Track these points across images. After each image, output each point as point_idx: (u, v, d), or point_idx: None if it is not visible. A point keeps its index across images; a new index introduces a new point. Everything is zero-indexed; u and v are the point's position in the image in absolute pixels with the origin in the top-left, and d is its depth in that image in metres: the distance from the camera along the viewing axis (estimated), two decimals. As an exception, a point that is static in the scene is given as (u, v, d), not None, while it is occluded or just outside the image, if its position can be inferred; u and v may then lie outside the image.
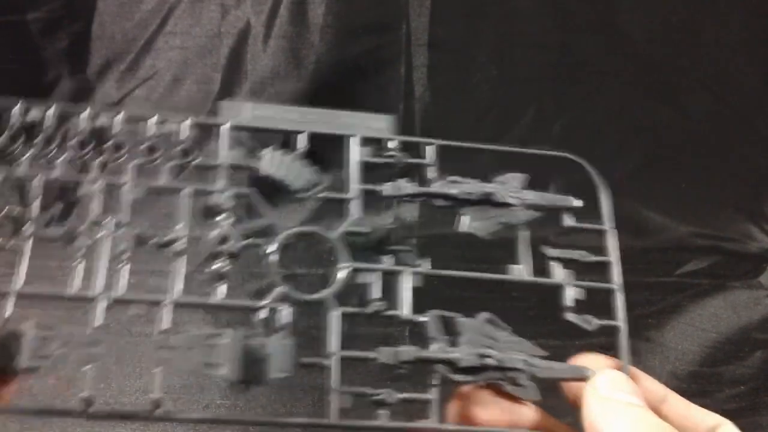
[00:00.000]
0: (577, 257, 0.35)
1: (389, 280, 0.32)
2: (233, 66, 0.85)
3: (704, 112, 0.88)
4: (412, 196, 0.34)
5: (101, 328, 0.28)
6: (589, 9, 0.87)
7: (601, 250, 0.34)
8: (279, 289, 0.31)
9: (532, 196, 0.36)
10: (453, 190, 0.34)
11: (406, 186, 0.34)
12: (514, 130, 0.86)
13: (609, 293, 0.34)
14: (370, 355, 0.32)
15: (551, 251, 0.34)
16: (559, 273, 0.34)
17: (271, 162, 0.34)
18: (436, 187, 0.34)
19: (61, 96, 0.83)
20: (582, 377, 0.30)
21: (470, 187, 0.34)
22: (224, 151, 0.34)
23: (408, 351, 0.31)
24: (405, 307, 0.33)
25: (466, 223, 0.34)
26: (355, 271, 0.33)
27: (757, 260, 0.82)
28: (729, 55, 0.88)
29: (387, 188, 0.34)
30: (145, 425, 0.56)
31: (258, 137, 0.36)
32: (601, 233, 0.35)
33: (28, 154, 0.31)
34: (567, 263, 0.34)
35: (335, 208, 0.35)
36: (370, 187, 0.35)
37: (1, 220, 0.30)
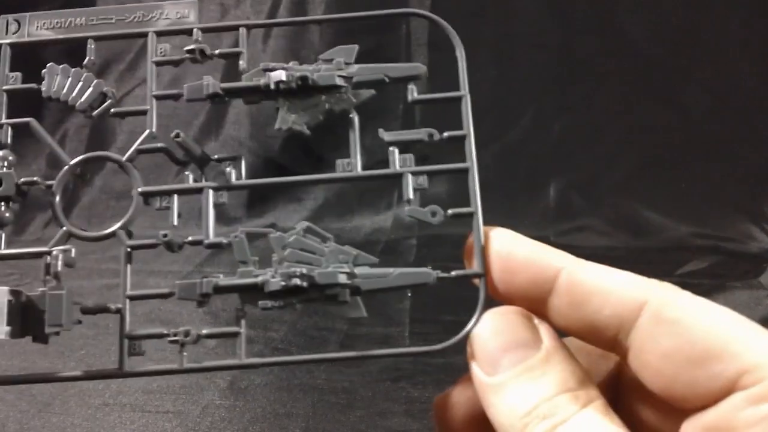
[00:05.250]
0: (423, 137, 0.28)
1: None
2: (232, 66, 0.84)
3: (704, 112, 0.88)
4: (214, 97, 0.29)
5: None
6: (589, 9, 0.87)
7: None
8: (63, 230, 0.28)
9: (364, 71, 0.29)
10: (262, 80, 0.29)
11: (207, 85, 0.29)
12: (514, 130, 0.86)
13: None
14: (165, 291, 0.27)
15: (388, 134, 0.28)
16: (398, 160, 0.28)
17: (58, 81, 0.30)
18: (244, 80, 0.30)
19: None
20: (425, 282, 0.26)
21: (282, 73, 0.28)
22: (3, 77, 0.30)
23: (207, 281, 0.27)
24: (208, 230, 0.28)
25: (282, 117, 0.29)
26: (147, 196, 0.28)
27: (757, 260, 0.81)
28: (728, 55, 0.88)
29: (185, 91, 0.29)
30: (146, 425, 0.56)
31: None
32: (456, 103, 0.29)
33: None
34: (409, 146, 0.29)
35: (338, 204, 0.31)
36: (164, 92, 0.30)
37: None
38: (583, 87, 0.88)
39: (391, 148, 0.28)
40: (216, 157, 0.30)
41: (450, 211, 0.27)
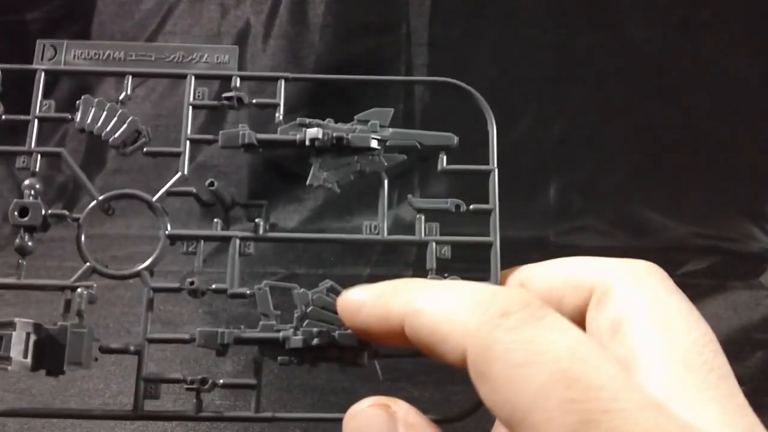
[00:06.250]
0: (450, 208, 0.29)
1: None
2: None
3: (704, 112, 0.88)
4: (248, 147, 0.29)
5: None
6: (589, 9, 0.87)
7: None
8: (86, 265, 0.28)
9: (398, 136, 0.29)
10: (298, 135, 0.29)
11: (243, 133, 0.29)
12: (515, 130, 0.86)
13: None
14: (185, 336, 0.28)
15: (416, 201, 0.29)
16: (422, 227, 0.29)
17: (91, 114, 0.30)
18: (280, 132, 0.30)
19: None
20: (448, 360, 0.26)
21: (318, 131, 0.29)
22: (36, 104, 0.29)
23: (229, 333, 0.27)
24: (233, 279, 0.28)
25: (314, 174, 0.29)
26: (173, 239, 0.29)
27: (757, 260, 0.81)
28: (729, 55, 0.88)
29: (221, 138, 0.29)
30: (145, 425, 0.56)
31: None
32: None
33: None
34: (436, 215, 0.29)
35: (338, 204, 0.31)
36: (199, 137, 0.30)
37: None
38: (583, 87, 0.87)
39: (418, 216, 0.29)
40: (243, 202, 0.30)
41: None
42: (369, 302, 0.23)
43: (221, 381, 0.28)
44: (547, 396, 0.17)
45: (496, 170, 0.29)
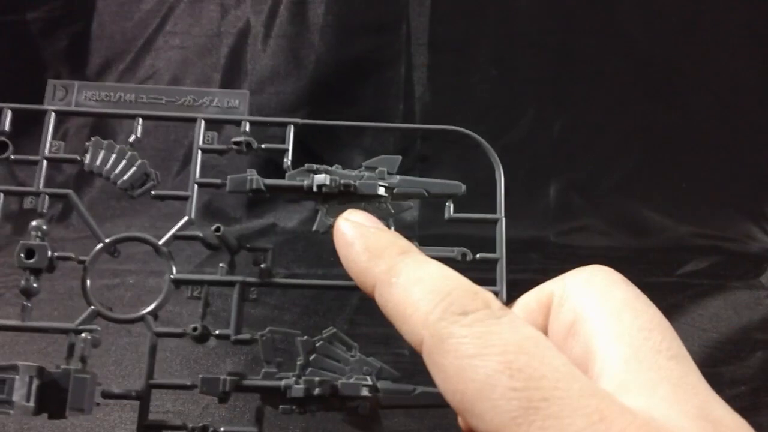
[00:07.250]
0: (457, 257, 0.28)
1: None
2: (233, 66, 0.84)
3: (704, 112, 0.88)
4: (255, 192, 0.29)
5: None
6: (589, 9, 0.87)
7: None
8: (91, 309, 0.28)
9: (406, 184, 0.29)
10: (305, 181, 0.29)
11: (251, 179, 0.29)
12: (515, 130, 0.86)
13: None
14: (187, 383, 0.28)
15: (423, 249, 0.27)
16: None
17: (100, 156, 0.30)
18: (287, 178, 0.30)
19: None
20: (442, 405, 0.24)
21: (326, 177, 0.29)
22: (46, 144, 0.30)
23: (232, 380, 0.27)
24: (236, 325, 0.28)
25: (321, 220, 0.29)
26: (178, 283, 0.29)
27: (757, 260, 0.81)
28: (729, 55, 0.88)
29: (229, 183, 0.29)
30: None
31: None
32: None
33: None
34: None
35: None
36: (208, 180, 0.30)
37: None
38: (583, 87, 0.87)
39: None
40: (248, 246, 0.30)
41: None
42: (356, 248, 0.24)
43: (222, 429, 0.28)
44: (493, 385, 0.19)
45: (504, 219, 0.29)
